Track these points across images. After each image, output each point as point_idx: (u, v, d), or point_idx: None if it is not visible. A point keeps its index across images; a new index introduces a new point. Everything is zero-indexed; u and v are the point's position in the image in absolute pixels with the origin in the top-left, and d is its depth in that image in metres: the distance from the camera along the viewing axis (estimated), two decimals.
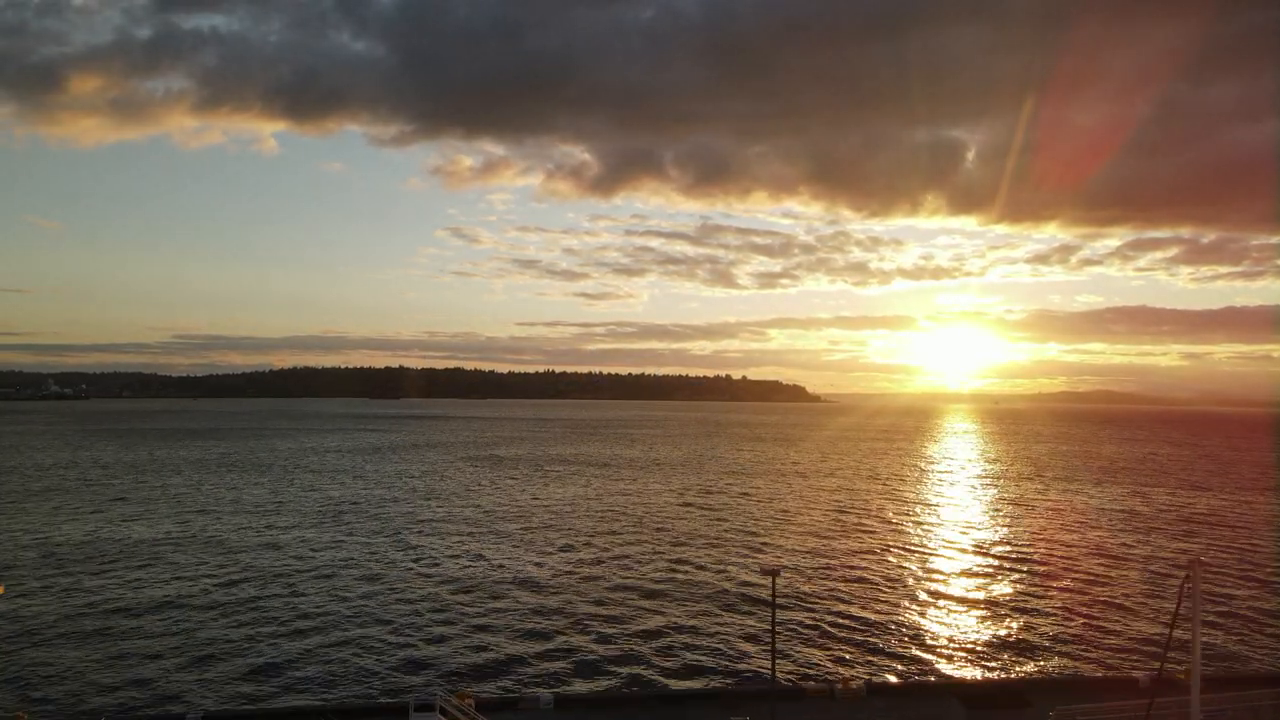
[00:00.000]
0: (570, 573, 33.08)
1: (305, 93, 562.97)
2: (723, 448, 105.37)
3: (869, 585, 31.34)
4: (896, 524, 45.49)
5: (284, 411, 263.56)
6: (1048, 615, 27.87)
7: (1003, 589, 31.16)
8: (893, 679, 22.85)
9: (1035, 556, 37.12)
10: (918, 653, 24.41)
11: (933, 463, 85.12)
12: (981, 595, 30.68)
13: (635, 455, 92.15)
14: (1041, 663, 23.72)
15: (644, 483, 63.98)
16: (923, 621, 27.01)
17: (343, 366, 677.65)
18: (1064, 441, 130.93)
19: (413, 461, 79.82)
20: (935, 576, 33.28)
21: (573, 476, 68.25)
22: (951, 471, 74.37)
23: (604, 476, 68.44)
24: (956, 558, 37.25)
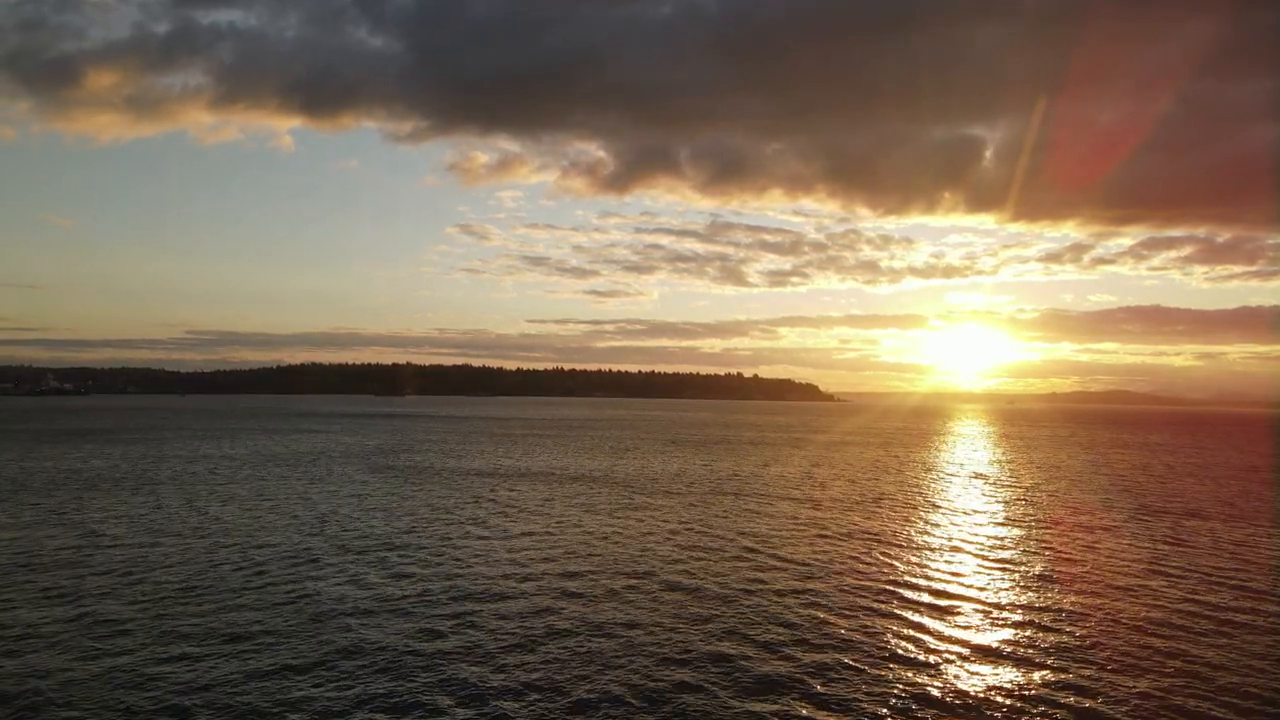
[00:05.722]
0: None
1: (322, 89, 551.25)
2: (739, 456, 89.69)
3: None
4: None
5: (266, 409, 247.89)
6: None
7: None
8: None
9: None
10: None
11: (984, 478, 69.74)
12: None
13: (640, 467, 76.39)
14: None
15: (650, 517, 48.33)
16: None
17: (351, 363, 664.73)
18: (1116, 449, 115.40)
19: (355, 480, 64.40)
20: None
21: (555, 504, 52.67)
22: (1026, 499, 58.95)
23: (599, 501, 52.77)
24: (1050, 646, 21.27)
